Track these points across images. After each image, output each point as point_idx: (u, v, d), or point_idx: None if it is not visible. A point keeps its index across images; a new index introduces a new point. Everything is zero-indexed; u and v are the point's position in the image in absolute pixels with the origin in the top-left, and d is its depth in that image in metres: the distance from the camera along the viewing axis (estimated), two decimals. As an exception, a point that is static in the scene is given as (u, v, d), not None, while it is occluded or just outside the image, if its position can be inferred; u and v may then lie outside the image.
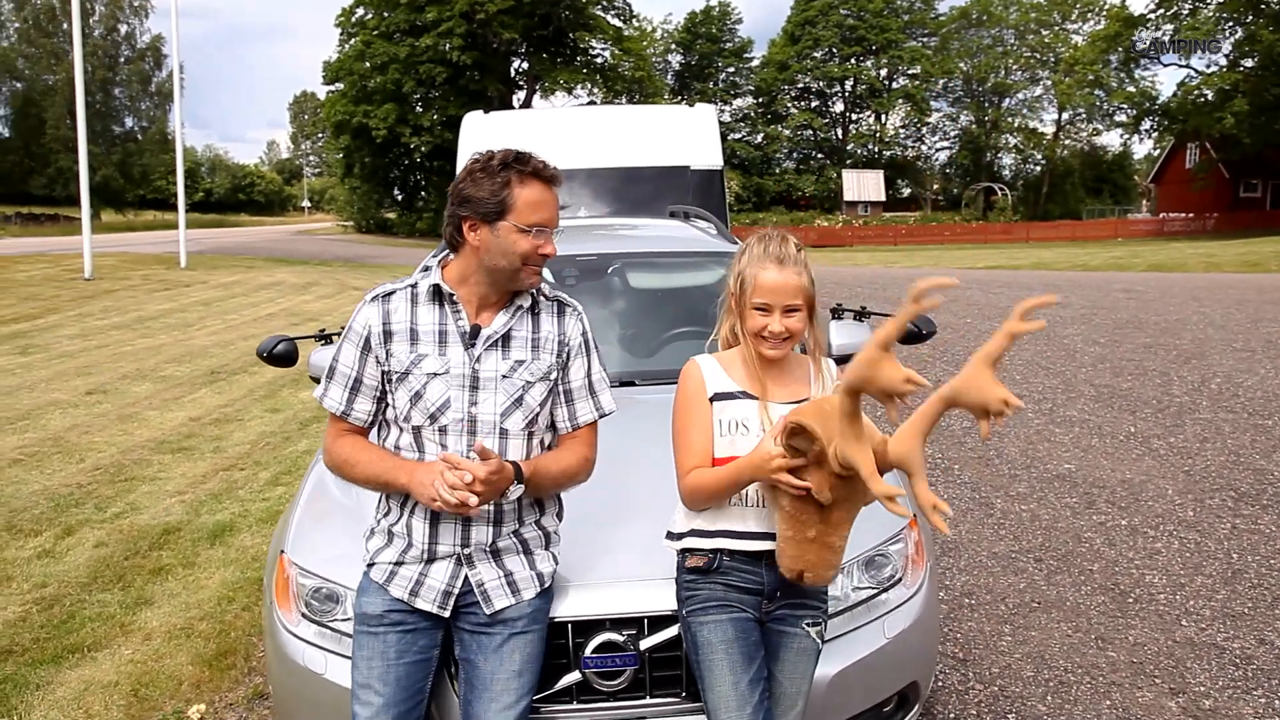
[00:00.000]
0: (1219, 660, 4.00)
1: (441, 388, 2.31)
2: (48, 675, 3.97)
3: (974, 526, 5.65)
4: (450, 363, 2.32)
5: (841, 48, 68.37)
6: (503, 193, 2.27)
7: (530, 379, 2.36)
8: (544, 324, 2.42)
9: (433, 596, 2.36)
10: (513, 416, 2.33)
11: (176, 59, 31.40)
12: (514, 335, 2.37)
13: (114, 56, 60.76)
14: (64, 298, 18.60)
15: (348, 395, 2.38)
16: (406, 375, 2.32)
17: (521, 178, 2.27)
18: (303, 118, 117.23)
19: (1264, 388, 9.09)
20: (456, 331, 2.34)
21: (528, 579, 2.40)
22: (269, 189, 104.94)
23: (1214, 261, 26.24)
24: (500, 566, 2.38)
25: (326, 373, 2.40)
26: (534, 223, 2.27)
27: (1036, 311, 1.86)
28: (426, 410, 2.31)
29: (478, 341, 2.33)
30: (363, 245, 45.01)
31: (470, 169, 2.31)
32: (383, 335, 2.34)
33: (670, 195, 6.65)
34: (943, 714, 3.63)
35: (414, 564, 2.37)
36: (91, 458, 7.25)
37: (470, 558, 2.36)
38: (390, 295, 2.39)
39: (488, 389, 2.32)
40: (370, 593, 2.42)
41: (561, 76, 52.96)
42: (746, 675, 2.30)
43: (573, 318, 2.47)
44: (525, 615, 2.38)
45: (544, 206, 2.28)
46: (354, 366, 2.37)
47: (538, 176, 2.29)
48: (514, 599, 2.38)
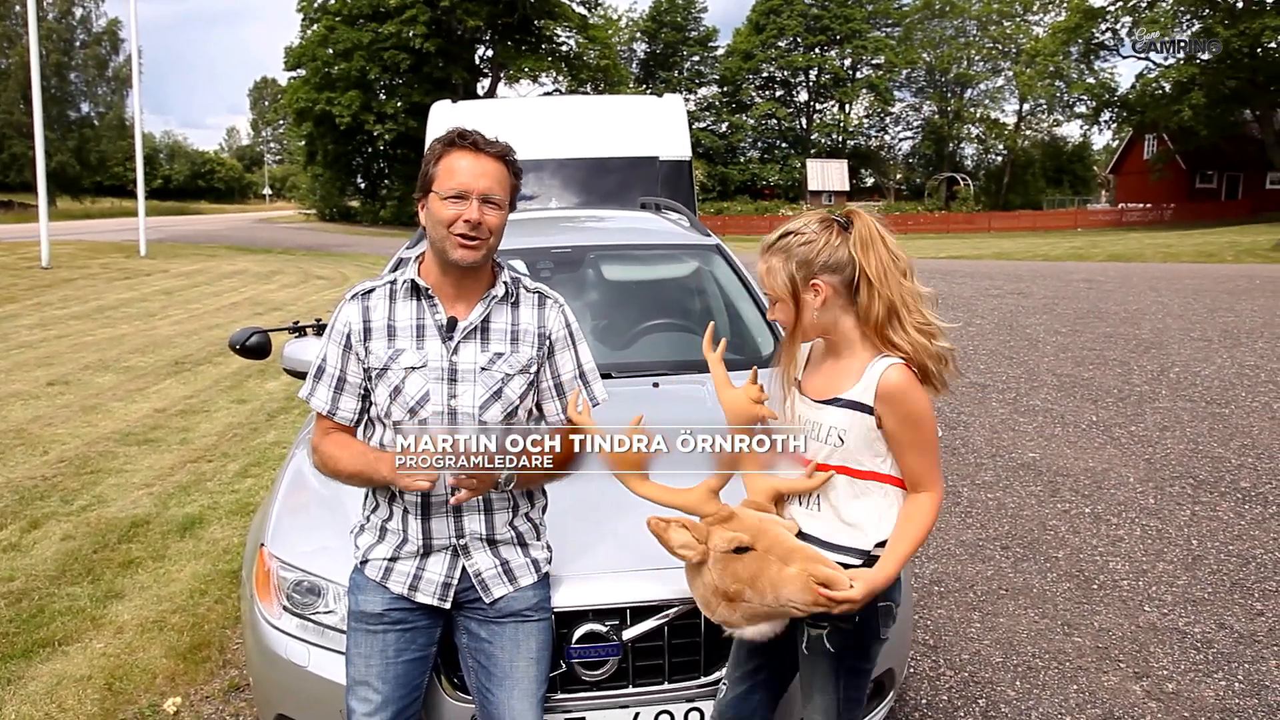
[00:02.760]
0: (1181, 644, 4.10)
1: (420, 381, 2.31)
2: (18, 670, 3.93)
3: (942, 515, 5.71)
4: (428, 356, 2.32)
5: (806, 37, 68.51)
6: (429, 167, 2.31)
7: (509, 371, 2.36)
8: (524, 316, 2.42)
9: (432, 589, 2.37)
10: (491, 409, 2.33)
11: (135, 43, 30.94)
12: (493, 327, 2.38)
13: (69, 40, 59.53)
14: (21, 287, 18.28)
15: (333, 394, 2.38)
16: (385, 371, 2.33)
17: (447, 149, 2.29)
18: (263, 104, 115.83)
19: (1221, 376, 9.28)
20: (434, 325, 2.34)
21: (523, 566, 2.42)
22: (229, 176, 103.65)
23: (1171, 252, 26.68)
24: (496, 555, 2.40)
25: (314, 372, 2.40)
26: (450, 188, 2.26)
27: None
28: (406, 404, 2.31)
29: (455, 333, 2.33)
30: (326, 234, 44.61)
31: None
32: (362, 333, 2.35)
33: (639, 186, 6.66)
34: (914, 700, 3.70)
35: (410, 558, 2.38)
36: (55, 450, 7.16)
37: (466, 548, 2.37)
38: (370, 293, 2.39)
39: (466, 381, 2.32)
40: (368, 590, 2.41)
41: (527, 64, 52.68)
42: (748, 642, 2.36)
43: (554, 309, 2.47)
44: (530, 604, 2.41)
45: (461, 172, 2.26)
46: (338, 365, 2.37)
47: (460, 145, 2.29)
48: (511, 586, 2.39)
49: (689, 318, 4.43)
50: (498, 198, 2.29)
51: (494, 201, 2.29)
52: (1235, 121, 47.66)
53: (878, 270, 2.18)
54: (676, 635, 2.54)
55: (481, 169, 2.28)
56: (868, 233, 2.21)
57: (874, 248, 2.19)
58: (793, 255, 2.23)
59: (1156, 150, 52.52)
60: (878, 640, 2.32)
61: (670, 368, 3.83)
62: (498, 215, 2.30)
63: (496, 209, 2.30)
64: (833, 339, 2.28)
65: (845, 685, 2.33)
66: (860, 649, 2.31)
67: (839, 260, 2.20)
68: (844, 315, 2.24)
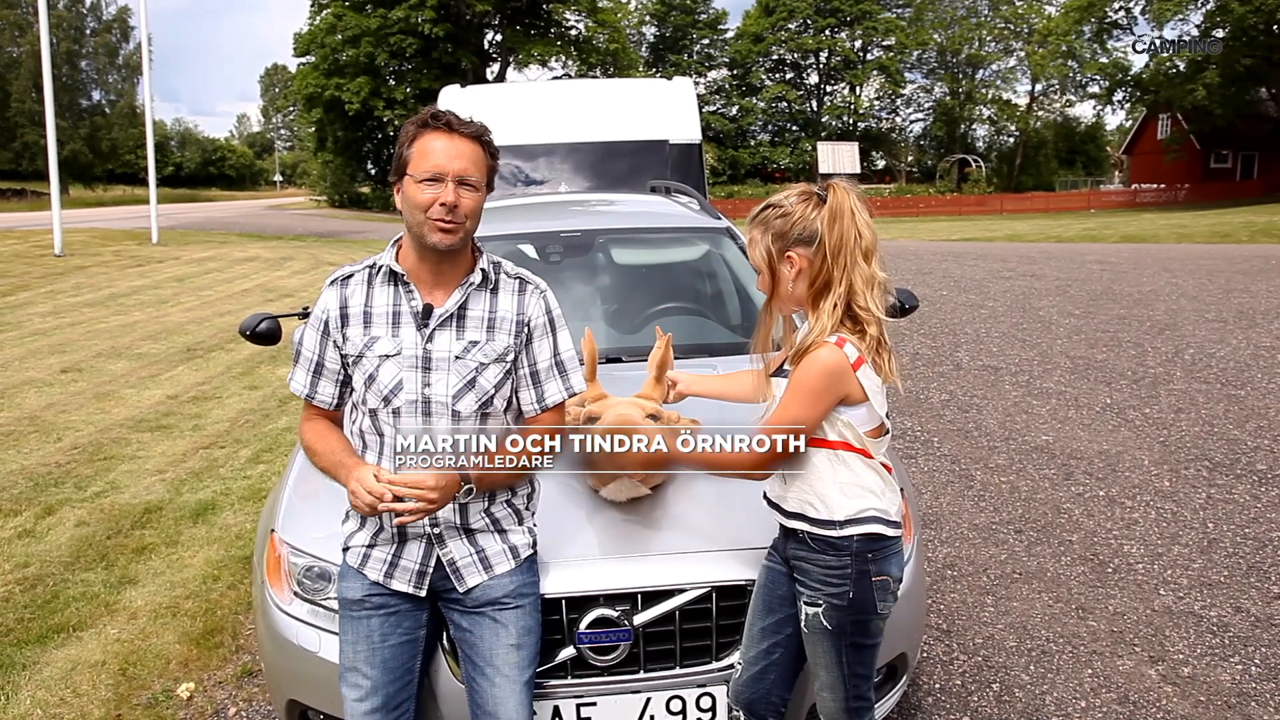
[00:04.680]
0: (1197, 628, 4.07)
1: (394, 369, 2.28)
2: (34, 655, 3.95)
3: (954, 498, 5.71)
4: (403, 344, 2.29)
5: (816, 19, 68.09)
6: (403, 149, 2.26)
7: (484, 360, 2.32)
8: (502, 303, 2.37)
9: (407, 577, 2.36)
10: (465, 398, 2.30)
11: (145, 30, 30.90)
12: (469, 314, 2.33)
13: (79, 28, 59.57)
14: (34, 274, 18.35)
15: (310, 379, 2.38)
16: (360, 358, 2.31)
17: (420, 130, 2.25)
18: (274, 91, 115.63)
19: (1236, 358, 9.21)
20: (410, 312, 2.31)
21: (500, 553, 2.39)
22: (240, 163, 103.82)
23: (1185, 233, 26.49)
24: (472, 544, 2.37)
25: (294, 356, 2.40)
26: (425, 170, 2.21)
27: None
28: (380, 393, 2.29)
29: (430, 320, 2.30)
30: (337, 220, 44.63)
31: None
32: (340, 319, 2.33)
33: (649, 170, 6.64)
34: (928, 685, 3.69)
35: (386, 545, 2.37)
36: (69, 436, 7.19)
37: (441, 536, 2.35)
38: (349, 279, 2.37)
39: (440, 370, 2.29)
40: (348, 577, 2.41)
41: (536, 49, 52.49)
42: (760, 622, 2.45)
43: (534, 296, 2.40)
44: (508, 591, 2.38)
45: (436, 154, 2.21)
46: (315, 351, 2.37)
47: (433, 126, 2.23)
48: (486, 575, 2.37)
49: (700, 301, 4.41)
50: (474, 179, 2.25)
51: (470, 183, 2.24)
52: (1251, 100, 47.16)
53: (834, 244, 2.25)
54: (688, 620, 2.53)
55: (456, 150, 2.22)
56: (837, 207, 2.26)
57: (839, 222, 2.25)
58: (770, 227, 2.32)
59: (1170, 130, 52.11)
60: (876, 615, 2.35)
61: (681, 351, 3.80)
62: (474, 197, 2.25)
63: (473, 191, 2.25)
64: (807, 311, 2.34)
65: (849, 661, 2.36)
66: (859, 624, 2.34)
67: (812, 233, 2.27)
68: None
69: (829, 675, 2.38)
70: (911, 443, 6.81)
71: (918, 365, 9.43)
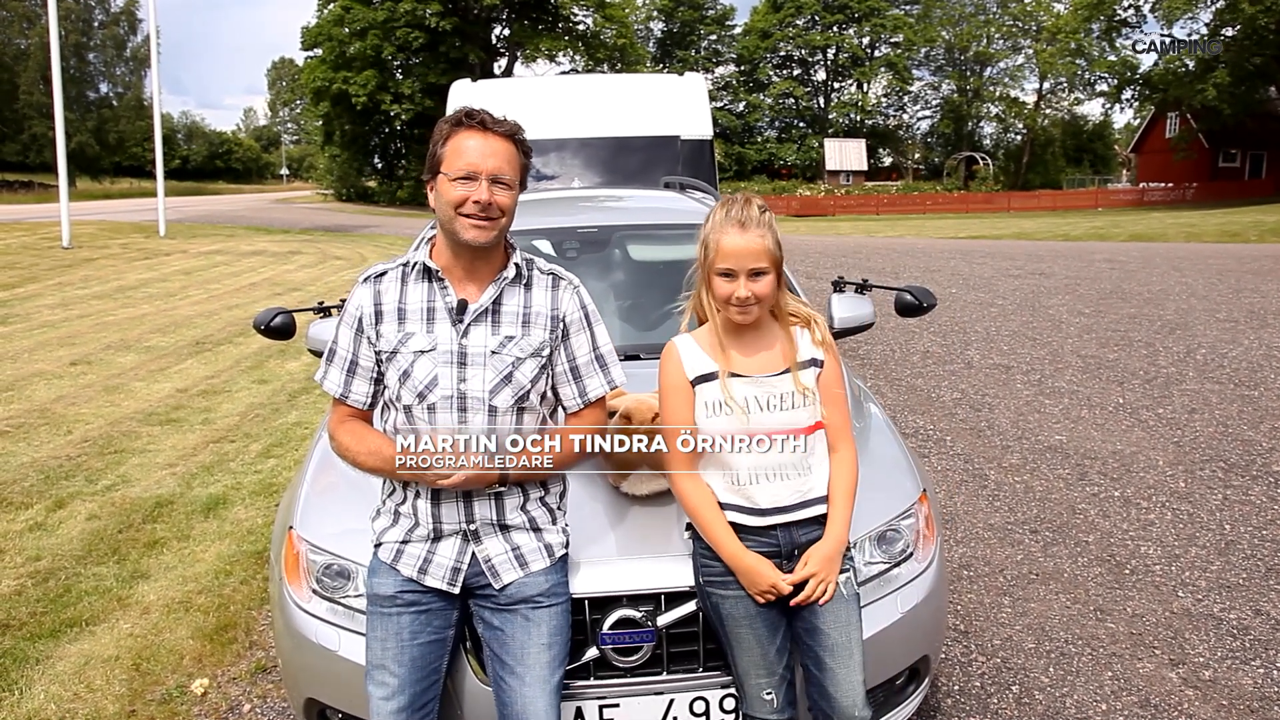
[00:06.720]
0: (1216, 631, 4.04)
1: (429, 365, 2.28)
2: (46, 649, 3.94)
3: (969, 498, 5.67)
4: (438, 339, 2.29)
5: (824, 15, 68.02)
6: (437, 147, 2.27)
7: (520, 355, 2.31)
8: (536, 298, 2.37)
9: (441, 573, 2.35)
10: (501, 393, 2.29)
11: (153, 23, 31.00)
12: (504, 309, 2.33)
13: (87, 21, 59.71)
14: (42, 267, 18.37)
15: (345, 377, 2.37)
16: (395, 354, 2.30)
17: (454, 129, 2.26)
18: (281, 84, 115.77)
19: (1248, 358, 9.16)
20: (444, 308, 2.30)
21: (535, 551, 2.38)
22: (247, 156, 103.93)
23: (1194, 231, 26.41)
24: (508, 541, 2.36)
25: (326, 355, 2.39)
26: (459, 168, 2.22)
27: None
28: (415, 389, 2.28)
29: (465, 316, 2.29)
30: (343, 214, 44.62)
31: None
32: (373, 316, 2.32)
33: (661, 165, 6.61)
34: (947, 687, 3.66)
35: (421, 542, 2.36)
36: (79, 429, 7.17)
37: (477, 533, 2.34)
38: (382, 276, 2.36)
39: (476, 365, 2.28)
40: (380, 573, 2.40)
41: (543, 44, 52.38)
42: (773, 645, 2.39)
43: (568, 291, 2.41)
44: (542, 590, 2.36)
45: (470, 152, 2.22)
46: (349, 349, 2.36)
47: (467, 125, 2.25)
48: (521, 572, 2.35)
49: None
50: (507, 177, 2.26)
51: (504, 181, 2.25)
52: (1260, 99, 46.96)
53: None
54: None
55: (490, 148, 2.24)
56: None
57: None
58: (774, 227, 2.38)
59: (1179, 129, 51.92)
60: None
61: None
62: (508, 195, 2.27)
63: (506, 189, 2.26)
64: (776, 310, 2.45)
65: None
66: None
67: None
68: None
69: (857, 653, 2.38)
70: (924, 441, 6.78)
71: (928, 363, 9.40)
